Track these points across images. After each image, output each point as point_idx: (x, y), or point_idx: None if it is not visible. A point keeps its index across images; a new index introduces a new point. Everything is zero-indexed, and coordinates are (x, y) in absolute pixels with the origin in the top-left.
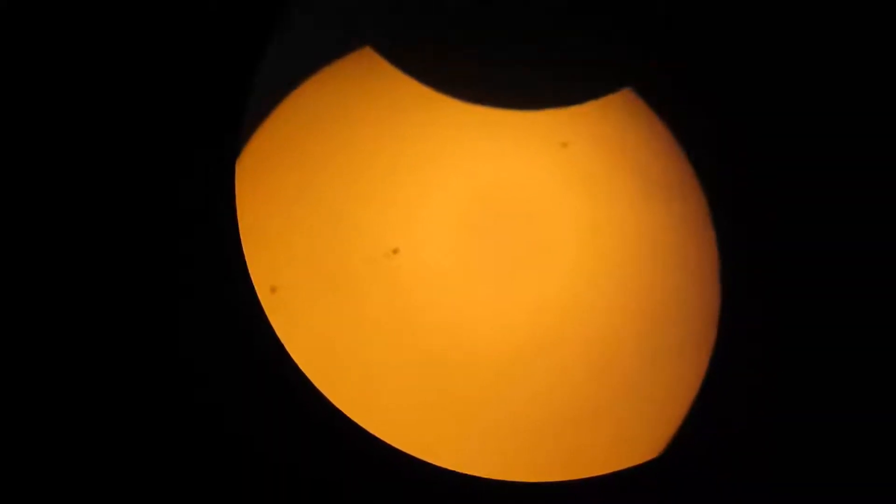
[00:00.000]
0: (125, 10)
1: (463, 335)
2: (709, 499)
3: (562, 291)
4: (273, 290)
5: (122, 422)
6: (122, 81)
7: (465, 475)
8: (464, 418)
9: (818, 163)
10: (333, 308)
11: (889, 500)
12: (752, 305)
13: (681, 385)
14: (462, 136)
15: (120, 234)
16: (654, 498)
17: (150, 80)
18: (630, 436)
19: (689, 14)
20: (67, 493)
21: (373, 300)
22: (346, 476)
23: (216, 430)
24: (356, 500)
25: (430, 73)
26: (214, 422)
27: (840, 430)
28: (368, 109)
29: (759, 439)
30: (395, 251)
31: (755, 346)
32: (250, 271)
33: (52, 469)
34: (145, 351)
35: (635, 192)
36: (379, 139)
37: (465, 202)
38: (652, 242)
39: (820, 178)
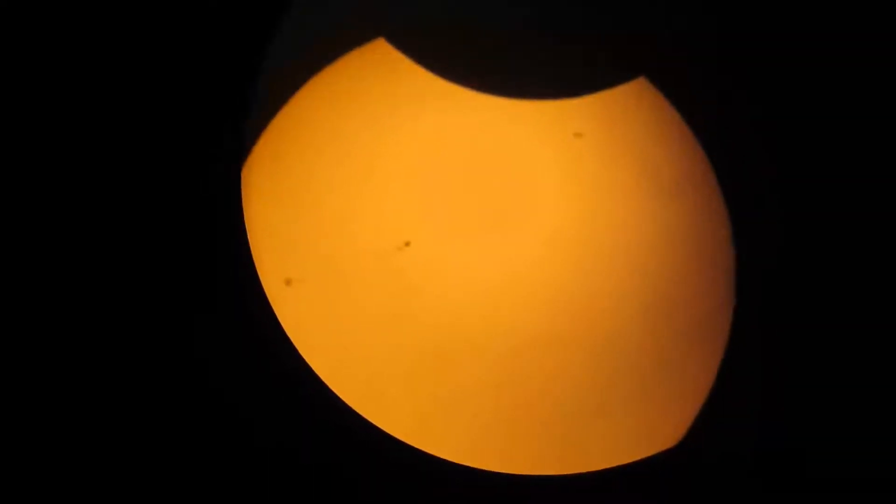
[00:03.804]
0: (127, 11)
1: (472, 329)
2: (724, 490)
3: (574, 283)
4: (288, 282)
5: (131, 418)
6: (126, 83)
7: (474, 469)
8: (472, 411)
9: (836, 155)
10: (340, 303)
11: None
12: (767, 299)
13: (696, 377)
14: (476, 127)
15: (127, 235)
16: (667, 489)
17: (155, 77)
18: (645, 427)
19: (702, 2)
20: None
21: (380, 295)
22: (351, 468)
23: (224, 424)
24: (362, 492)
25: (443, 64)
26: (223, 416)
27: (853, 424)
28: (381, 101)
29: (773, 432)
30: (407, 244)
31: (770, 339)
32: (258, 267)
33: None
34: (156, 350)
35: (649, 182)
36: (391, 131)
37: (479, 194)
38: (665, 234)
39: (838, 171)
